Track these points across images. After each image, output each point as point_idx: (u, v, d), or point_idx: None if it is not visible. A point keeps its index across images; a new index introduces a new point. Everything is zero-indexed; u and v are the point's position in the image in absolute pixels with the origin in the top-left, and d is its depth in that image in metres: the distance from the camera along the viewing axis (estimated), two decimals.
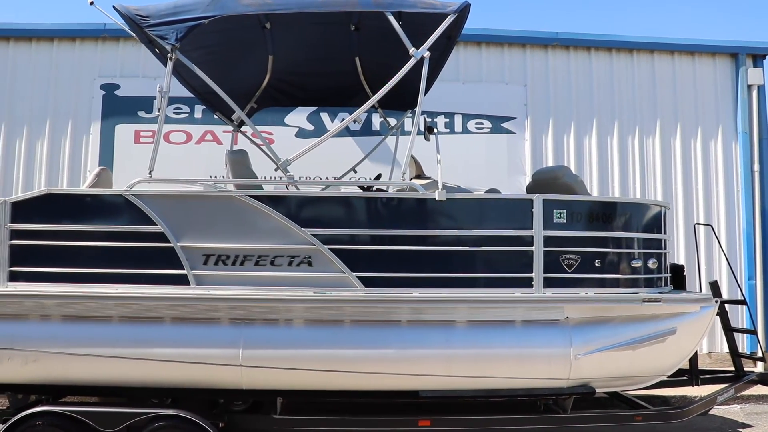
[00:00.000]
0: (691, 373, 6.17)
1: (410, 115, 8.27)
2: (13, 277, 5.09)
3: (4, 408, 5.62)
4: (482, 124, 9.63)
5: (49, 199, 5.15)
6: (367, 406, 5.50)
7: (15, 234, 5.10)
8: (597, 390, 5.40)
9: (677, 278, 6.24)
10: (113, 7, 5.42)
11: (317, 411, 5.50)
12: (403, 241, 5.09)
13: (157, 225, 5.02)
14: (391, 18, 5.26)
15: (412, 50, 5.26)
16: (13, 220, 5.10)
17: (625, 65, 9.95)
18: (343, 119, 9.42)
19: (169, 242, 5.02)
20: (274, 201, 5.07)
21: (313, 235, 5.01)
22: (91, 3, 6.73)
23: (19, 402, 5.73)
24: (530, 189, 6.50)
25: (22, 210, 5.12)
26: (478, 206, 5.28)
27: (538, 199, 5.19)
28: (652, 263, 5.53)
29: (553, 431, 5.66)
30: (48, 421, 5.06)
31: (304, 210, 5.10)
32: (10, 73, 9.91)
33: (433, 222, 5.16)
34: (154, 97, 9.52)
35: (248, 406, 6.09)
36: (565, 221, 5.24)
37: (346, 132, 9.22)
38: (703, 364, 6.64)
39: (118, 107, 9.68)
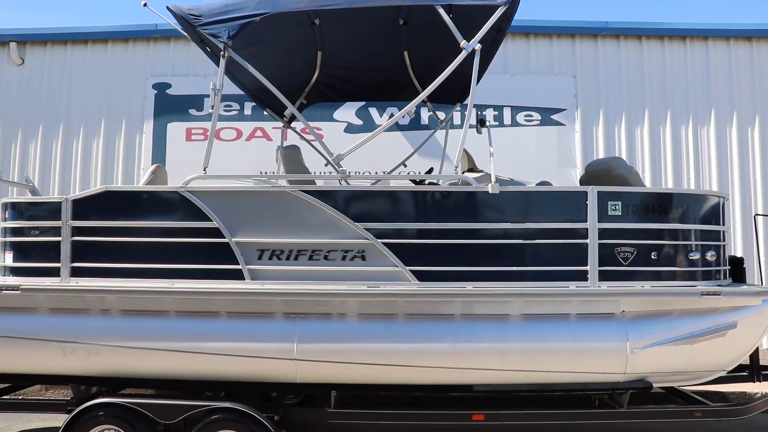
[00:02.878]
0: (752, 369, 6.01)
1: (459, 108, 8.22)
2: (76, 272, 5.24)
3: (68, 399, 5.79)
4: (531, 116, 9.53)
5: (107, 196, 5.28)
6: (420, 399, 5.49)
7: (76, 230, 5.24)
8: (654, 385, 5.30)
9: (737, 271, 6.07)
10: (167, 7, 5.51)
11: (370, 405, 5.52)
12: (456, 235, 5.07)
13: (212, 221, 5.10)
14: (442, 11, 5.23)
15: (462, 43, 5.22)
16: (74, 217, 5.24)
17: (678, 53, 9.71)
18: (392, 114, 9.43)
19: (224, 238, 5.09)
20: (327, 195, 5.10)
21: (367, 230, 5.03)
22: (144, 5, 6.88)
23: (81, 393, 5.90)
24: (584, 181, 6.41)
25: (82, 207, 5.26)
26: (531, 199, 5.22)
27: (592, 191, 5.11)
28: (710, 255, 5.40)
29: (609, 426, 5.58)
30: (109, 412, 5.20)
31: (356, 204, 5.12)
32: (68, 75, 10.20)
33: (486, 215, 5.12)
34: (205, 96, 9.73)
35: (300, 399, 6.15)
36: (620, 213, 5.15)
37: (395, 126, 9.22)
38: (764, 360, 6.45)
39: (170, 106, 9.87)
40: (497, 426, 5.50)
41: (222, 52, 5.33)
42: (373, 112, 9.57)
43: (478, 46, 5.23)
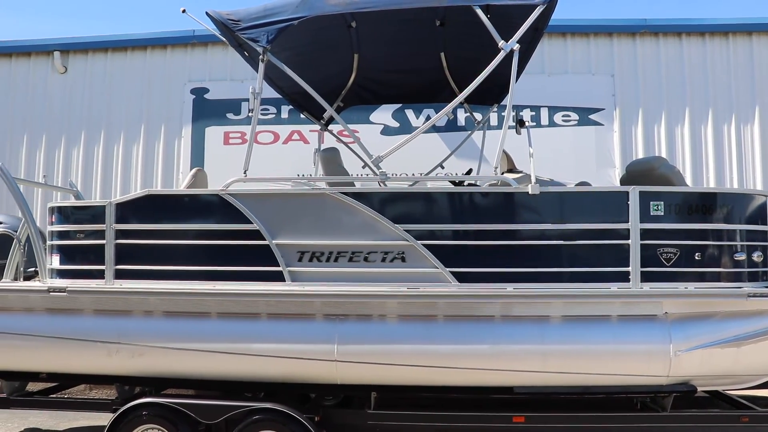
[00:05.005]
0: None
1: (496, 109, 8.17)
2: (120, 274, 5.33)
3: (113, 398, 5.90)
4: (569, 116, 9.45)
5: (149, 199, 5.36)
6: (460, 401, 5.47)
7: (120, 233, 5.33)
8: (698, 388, 5.21)
9: None
10: (206, 13, 5.59)
11: (410, 406, 5.51)
12: (496, 236, 5.04)
13: (252, 223, 5.15)
14: (479, 11, 5.21)
15: (501, 43, 5.19)
16: (117, 220, 5.33)
17: (720, 49, 9.53)
18: (429, 116, 9.43)
19: (265, 240, 5.13)
20: (366, 197, 5.11)
21: (406, 231, 5.03)
22: (183, 11, 6.98)
23: (125, 393, 6.01)
24: (624, 181, 6.33)
25: (125, 210, 5.35)
26: (571, 199, 5.17)
27: (633, 192, 5.04)
28: (757, 256, 5.27)
29: (651, 430, 5.49)
30: (152, 411, 5.27)
31: (396, 206, 5.12)
32: (108, 82, 10.41)
33: (527, 216, 5.09)
34: (242, 100, 9.84)
35: (338, 400, 6.17)
36: (662, 213, 5.07)
37: (432, 128, 9.19)
38: None
39: (208, 110, 10.01)
40: (538, 428, 5.45)
41: (261, 56, 5.38)
42: (410, 114, 9.58)
43: (516, 46, 5.20)
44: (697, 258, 5.11)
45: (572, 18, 9.64)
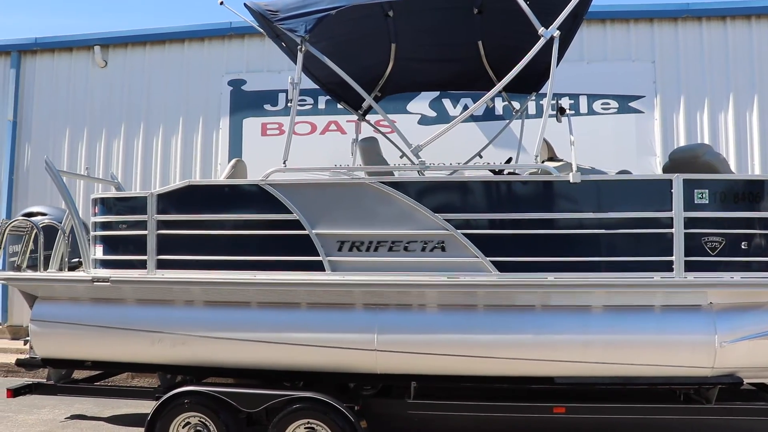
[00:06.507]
0: None
1: (534, 98, 8.09)
2: (161, 264, 5.40)
3: (156, 386, 5.99)
4: (608, 104, 9.32)
5: (190, 190, 5.41)
6: (500, 391, 5.43)
7: (161, 224, 5.40)
8: (744, 381, 5.09)
9: None
10: (244, 4, 5.61)
11: (450, 396, 5.49)
12: (536, 225, 4.99)
13: (292, 213, 5.17)
14: None
15: (541, 30, 5.12)
16: (159, 211, 5.40)
17: None
18: (466, 105, 9.38)
19: (305, 229, 5.15)
20: (406, 187, 5.10)
21: (446, 220, 5.00)
22: (221, 3, 7.03)
23: (167, 381, 6.09)
24: (667, 169, 6.20)
25: (166, 201, 5.41)
26: (613, 188, 5.08)
27: (677, 179, 4.94)
28: None
29: (694, 423, 5.40)
30: (194, 400, 5.34)
31: (436, 195, 5.09)
32: (147, 75, 10.56)
33: (568, 205, 5.02)
34: (279, 91, 9.89)
35: (377, 390, 6.18)
36: (707, 202, 4.96)
37: (470, 117, 9.15)
38: None
39: (245, 102, 10.09)
40: (578, 419, 5.39)
41: (299, 47, 5.39)
42: (447, 103, 9.54)
43: (556, 33, 5.13)
44: (743, 247, 4.99)
45: (612, 4, 9.47)
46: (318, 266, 5.15)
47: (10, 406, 7.46)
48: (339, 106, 8.16)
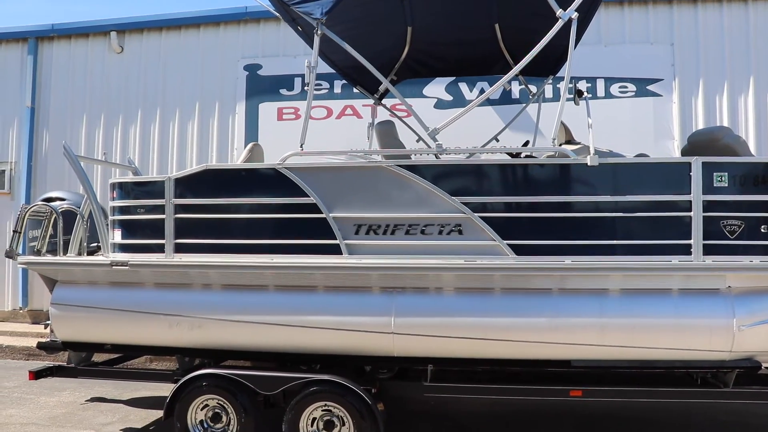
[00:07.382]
0: None
1: (551, 81, 8.03)
2: (179, 248, 5.44)
3: (174, 369, 6.05)
4: (626, 87, 9.23)
5: (208, 174, 5.44)
6: (517, 374, 5.44)
7: (179, 208, 5.43)
8: (763, 365, 5.06)
9: None
10: None
11: (467, 379, 5.51)
12: (554, 208, 4.97)
13: (309, 197, 5.18)
14: None
15: (559, 12, 5.08)
16: (176, 195, 5.43)
17: None
18: (482, 89, 9.34)
19: (322, 213, 5.16)
20: (423, 170, 5.09)
21: (464, 204, 4.99)
22: None
23: (185, 364, 6.14)
24: (686, 152, 6.15)
25: (184, 185, 5.44)
26: (631, 171, 5.04)
27: (696, 162, 4.90)
28: None
29: (711, 406, 5.38)
30: (212, 382, 5.39)
31: (453, 179, 5.08)
32: (163, 61, 10.59)
33: (585, 188, 4.99)
34: (295, 75, 9.89)
35: (393, 373, 6.20)
36: (726, 185, 4.92)
37: (486, 101, 9.12)
38: None
39: (261, 86, 10.09)
40: (595, 403, 5.39)
41: (316, 30, 5.37)
42: (463, 87, 9.49)
43: (575, 15, 5.08)
44: (763, 230, 4.95)
45: None
46: (335, 249, 5.16)
47: (32, 388, 7.58)
48: (355, 90, 8.15)
